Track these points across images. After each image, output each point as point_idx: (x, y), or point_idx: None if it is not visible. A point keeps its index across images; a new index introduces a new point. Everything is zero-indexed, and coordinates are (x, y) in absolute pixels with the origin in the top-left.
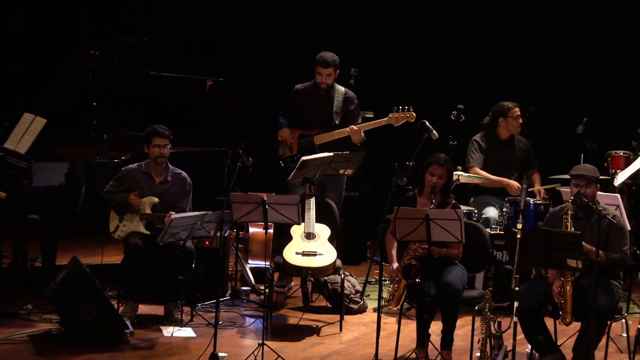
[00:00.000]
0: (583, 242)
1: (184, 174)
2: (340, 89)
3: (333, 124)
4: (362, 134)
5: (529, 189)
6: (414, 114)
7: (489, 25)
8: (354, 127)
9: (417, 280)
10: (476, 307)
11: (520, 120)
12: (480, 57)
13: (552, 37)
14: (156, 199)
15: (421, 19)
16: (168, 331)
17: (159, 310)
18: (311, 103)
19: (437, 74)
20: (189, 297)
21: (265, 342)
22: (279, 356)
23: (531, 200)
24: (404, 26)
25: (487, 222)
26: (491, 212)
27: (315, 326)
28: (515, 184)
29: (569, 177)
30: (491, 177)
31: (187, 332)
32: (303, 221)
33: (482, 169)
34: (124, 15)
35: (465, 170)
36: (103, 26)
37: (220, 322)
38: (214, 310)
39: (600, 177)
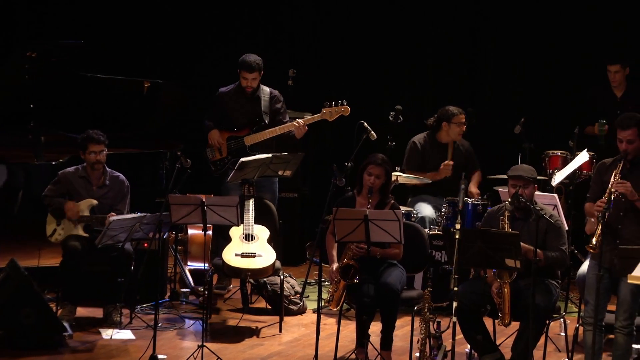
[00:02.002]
0: (521, 243)
1: (121, 176)
2: (265, 89)
3: (263, 123)
4: (306, 129)
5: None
6: (348, 108)
7: (427, 26)
8: (300, 121)
9: (356, 280)
10: (415, 308)
11: (464, 128)
12: (418, 58)
13: (490, 37)
14: (94, 201)
15: (359, 19)
16: (107, 334)
17: (97, 312)
18: (238, 105)
19: (375, 75)
20: (128, 300)
21: (204, 343)
22: (219, 358)
23: (469, 201)
24: (342, 27)
25: (422, 221)
26: (427, 211)
27: (254, 327)
28: (446, 165)
29: (507, 177)
30: (426, 175)
31: (126, 334)
32: (242, 222)
33: (418, 169)
34: (61, 17)
35: (403, 170)
36: (41, 28)
37: (159, 324)
38: (153, 312)
39: (538, 177)
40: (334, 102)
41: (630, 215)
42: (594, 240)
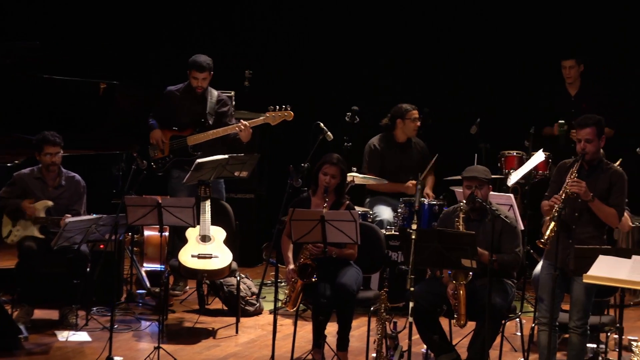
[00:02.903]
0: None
1: (77, 177)
2: (214, 91)
3: (206, 124)
4: (251, 130)
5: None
6: (292, 113)
7: (381, 25)
8: (246, 122)
9: (313, 279)
10: (372, 308)
11: (418, 123)
12: (374, 58)
13: (446, 37)
14: (50, 203)
15: (316, 19)
16: (63, 336)
17: (53, 314)
18: (184, 104)
19: (332, 76)
20: (84, 301)
21: (161, 345)
22: (175, 359)
23: (426, 201)
24: (298, 28)
25: (380, 223)
26: (385, 213)
27: (211, 329)
28: (410, 184)
29: (462, 178)
30: (388, 183)
31: (82, 336)
32: (198, 224)
33: (379, 171)
34: (16, 18)
35: (361, 171)
36: None
37: (115, 326)
38: (109, 314)
39: (494, 176)
40: (277, 107)
41: (586, 216)
42: (545, 236)
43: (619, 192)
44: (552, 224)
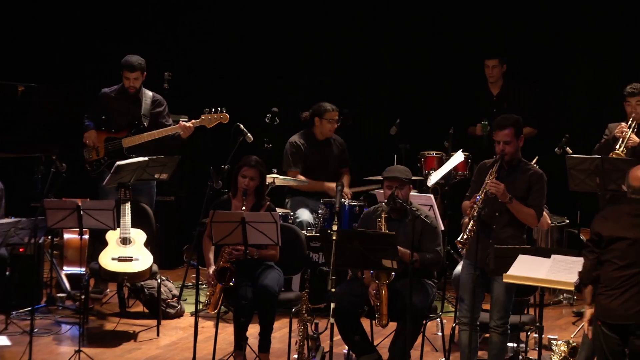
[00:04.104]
0: (398, 246)
1: None
2: (148, 92)
3: (142, 126)
4: (193, 130)
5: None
6: (227, 115)
7: (301, 26)
8: (188, 123)
9: (231, 283)
10: (293, 309)
11: (335, 125)
12: (294, 60)
13: (365, 37)
14: None
15: (236, 21)
16: None
17: None
18: (119, 106)
19: (251, 76)
20: (3, 305)
21: (81, 348)
22: None
23: (346, 202)
24: (217, 28)
25: (300, 225)
26: (305, 215)
27: (132, 332)
28: (333, 185)
29: (382, 178)
30: (309, 182)
31: (1, 340)
32: (118, 226)
33: (302, 168)
34: None
35: (281, 172)
36: None
37: (35, 330)
38: (29, 318)
39: (413, 177)
40: (213, 109)
41: (506, 216)
42: (464, 235)
43: (538, 192)
44: (470, 223)
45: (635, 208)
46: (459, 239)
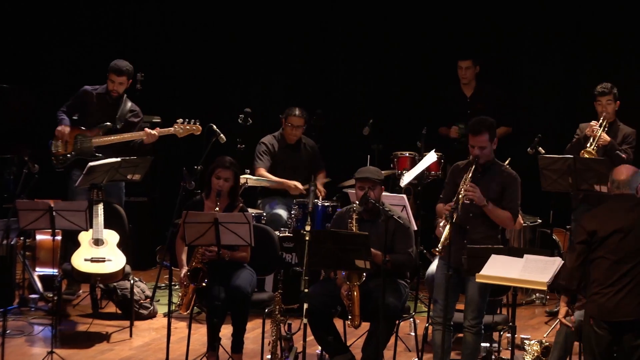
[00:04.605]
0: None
1: None
2: (129, 101)
3: (114, 128)
4: (157, 137)
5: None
6: (200, 127)
7: (273, 26)
8: (154, 132)
9: (204, 284)
10: (266, 310)
11: (297, 131)
12: (268, 60)
13: (338, 38)
14: None
15: (207, 21)
16: None
17: None
18: (97, 106)
19: (224, 77)
20: None
21: (54, 350)
22: None
23: (319, 202)
24: (189, 29)
25: (277, 216)
26: (281, 210)
27: (105, 333)
28: (293, 184)
29: (354, 179)
30: (273, 179)
31: None
32: (91, 227)
33: (270, 171)
34: None
35: (252, 172)
36: None
37: (8, 331)
38: (1, 320)
39: (385, 171)
40: (186, 120)
41: (479, 217)
42: (440, 246)
43: (513, 194)
44: (447, 231)
45: (626, 200)
46: (436, 248)
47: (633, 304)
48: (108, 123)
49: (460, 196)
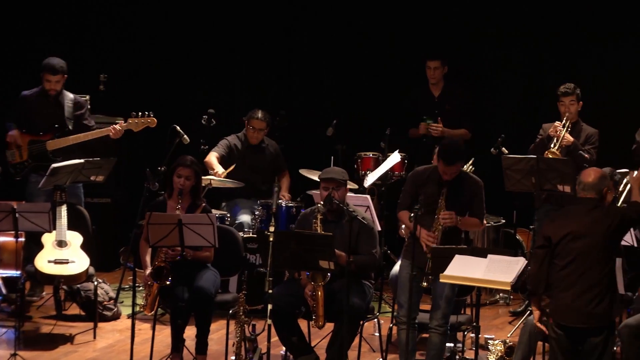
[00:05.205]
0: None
1: None
2: (69, 95)
3: (67, 129)
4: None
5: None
6: (155, 119)
7: (236, 26)
8: (117, 127)
9: (167, 282)
10: (230, 311)
11: (257, 134)
12: (231, 61)
13: (301, 38)
14: None
15: (171, 21)
16: None
17: None
18: (41, 109)
19: (188, 78)
20: None
21: (17, 352)
22: None
23: (283, 203)
24: (153, 30)
25: (240, 226)
26: (244, 216)
27: (68, 334)
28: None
29: (319, 180)
30: (218, 166)
31: None
32: (54, 229)
33: (233, 171)
34: None
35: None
36: None
37: None
38: None
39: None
40: (140, 113)
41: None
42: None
43: (480, 202)
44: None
45: (586, 204)
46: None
47: (585, 311)
48: (57, 125)
49: (440, 226)
